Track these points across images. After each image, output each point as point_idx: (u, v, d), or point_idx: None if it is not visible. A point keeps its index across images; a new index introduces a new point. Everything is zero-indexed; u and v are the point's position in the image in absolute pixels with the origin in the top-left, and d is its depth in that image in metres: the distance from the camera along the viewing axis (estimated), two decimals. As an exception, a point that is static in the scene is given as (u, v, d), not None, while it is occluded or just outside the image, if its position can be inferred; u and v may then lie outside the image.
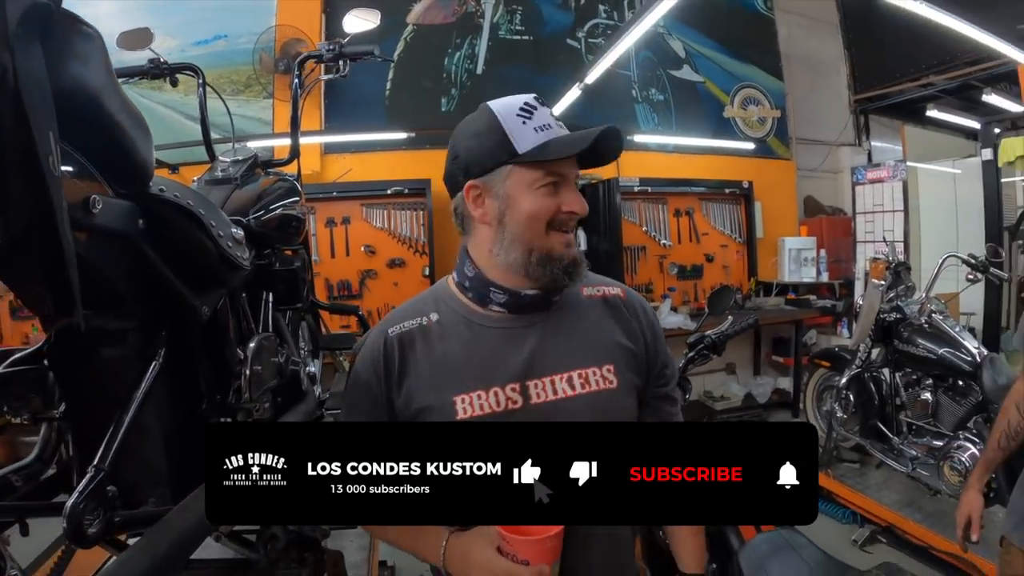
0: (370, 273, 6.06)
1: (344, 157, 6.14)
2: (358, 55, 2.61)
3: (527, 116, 1.26)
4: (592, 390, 1.31)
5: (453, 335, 1.32)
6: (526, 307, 1.32)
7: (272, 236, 2.00)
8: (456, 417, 1.26)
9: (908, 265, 4.97)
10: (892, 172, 7.48)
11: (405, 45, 6.39)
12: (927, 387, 4.30)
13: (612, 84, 6.81)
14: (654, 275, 7.05)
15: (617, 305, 1.43)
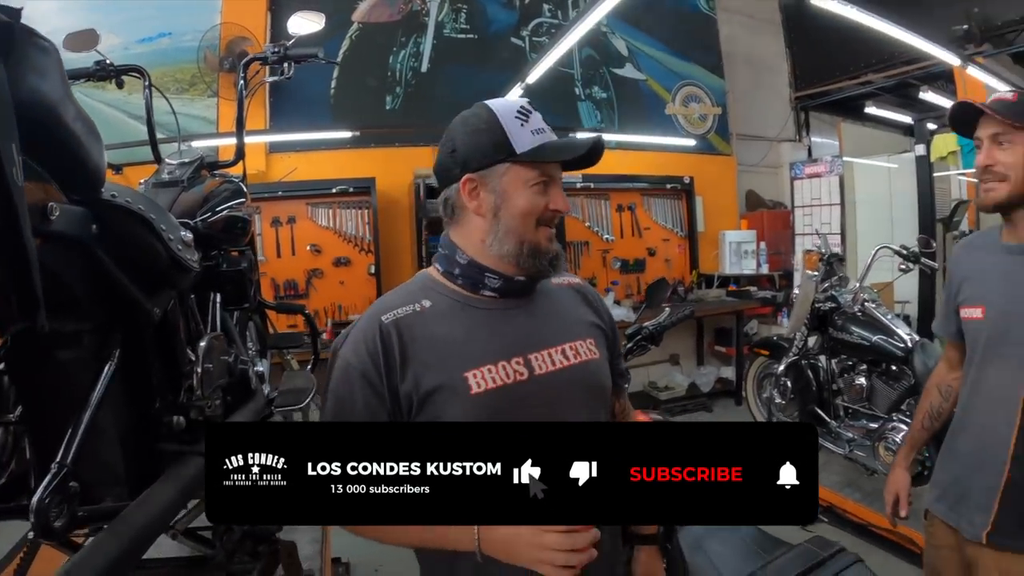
0: (316, 272, 6.03)
1: (289, 156, 6.05)
2: (303, 57, 2.61)
3: (524, 119, 1.34)
4: (583, 360, 1.42)
5: (450, 318, 1.37)
6: (515, 292, 1.40)
7: (219, 238, 2.02)
8: (471, 392, 1.30)
9: (840, 256, 5.16)
10: (829, 167, 7.75)
11: (350, 43, 6.33)
12: (862, 372, 4.47)
13: (555, 82, 6.87)
14: (597, 269, 7.15)
15: (583, 291, 1.57)
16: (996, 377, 1.80)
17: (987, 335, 1.82)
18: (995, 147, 1.72)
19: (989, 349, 1.82)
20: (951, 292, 2.00)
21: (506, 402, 1.32)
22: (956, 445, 1.95)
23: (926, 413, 2.17)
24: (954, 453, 1.95)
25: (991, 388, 1.82)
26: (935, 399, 2.15)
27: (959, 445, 1.93)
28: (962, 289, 1.94)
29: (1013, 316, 1.75)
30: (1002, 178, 1.71)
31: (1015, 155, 1.69)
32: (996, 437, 1.78)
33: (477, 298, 1.40)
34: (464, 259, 1.39)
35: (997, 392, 1.80)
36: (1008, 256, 1.80)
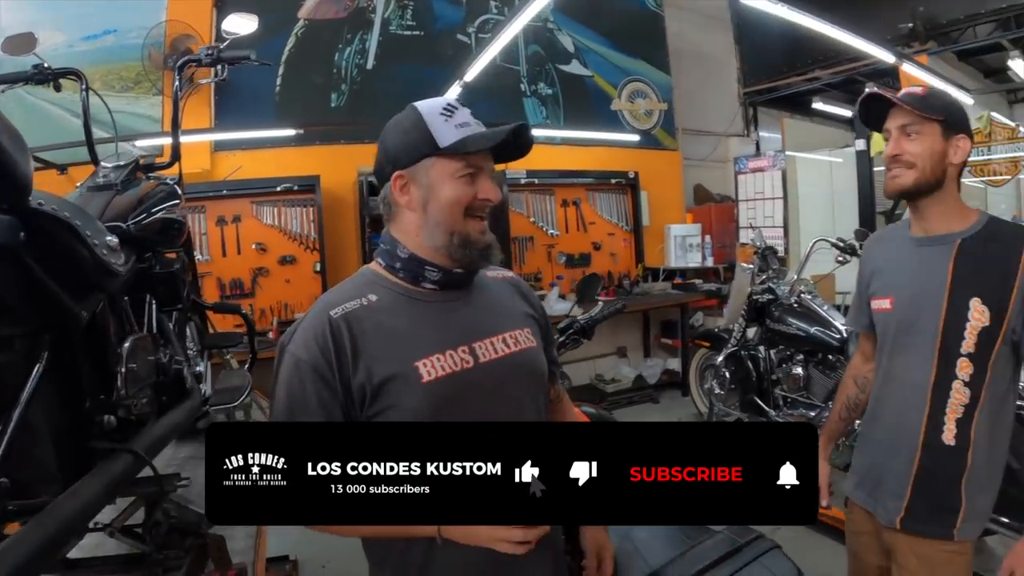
0: (262, 271, 5.97)
1: (235, 154, 6.00)
2: (236, 59, 2.62)
3: (448, 115, 1.38)
4: (522, 348, 1.48)
5: (397, 311, 1.41)
6: (454, 284, 1.45)
7: (153, 240, 2.03)
8: (422, 380, 1.33)
9: (774, 249, 5.23)
10: (772, 161, 7.88)
11: (296, 40, 6.29)
12: (799, 362, 4.58)
13: (501, 79, 6.94)
14: (542, 264, 7.20)
15: (517, 284, 1.64)
16: (906, 366, 1.87)
17: (896, 325, 1.88)
18: (903, 137, 1.78)
19: (899, 338, 1.88)
20: (862, 285, 2.06)
21: (454, 389, 1.37)
22: (871, 433, 2.02)
23: (843, 404, 2.22)
24: (869, 441, 2.02)
25: (901, 377, 1.89)
26: (850, 390, 2.20)
27: (874, 433, 2.00)
28: (872, 281, 2.00)
29: (920, 306, 1.82)
30: (910, 165, 1.77)
31: (922, 144, 1.76)
32: (907, 424, 1.84)
33: (419, 291, 1.44)
34: (405, 253, 1.43)
35: (907, 380, 1.86)
36: (915, 248, 1.87)
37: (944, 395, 1.79)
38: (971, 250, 1.77)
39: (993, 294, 1.73)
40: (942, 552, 1.83)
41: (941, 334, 1.77)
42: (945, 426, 1.78)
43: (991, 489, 1.86)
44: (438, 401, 1.34)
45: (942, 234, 1.82)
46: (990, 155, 6.99)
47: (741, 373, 5.00)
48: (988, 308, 1.72)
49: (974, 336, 1.74)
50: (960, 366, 1.76)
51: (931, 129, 1.77)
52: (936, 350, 1.78)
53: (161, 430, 1.86)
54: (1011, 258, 1.72)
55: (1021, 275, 1.71)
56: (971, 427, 1.77)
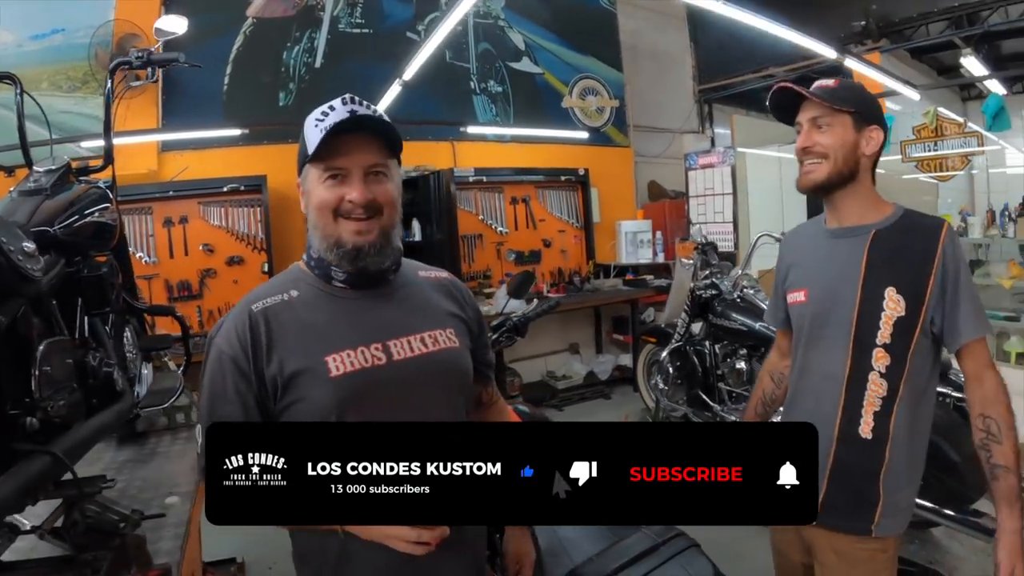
0: (209, 272, 5.91)
1: (182, 155, 5.93)
2: (166, 62, 2.60)
3: (321, 119, 1.38)
4: (442, 347, 1.49)
5: (315, 307, 1.44)
6: (365, 283, 1.47)
7: (82, 244, 2.01)
8: (330, 375, 1.36)
9: (714, 244, 5.30)
10: (722, 157, 7.94)
11: (244, 39, 6.22)
12: (743, 357, 4.66)
13: (450, 76, 6.95)
14: (491, 262, 7.22)
15: (449, 285, 1.64)
16: (821, 358, 1.87)
17: (811, 317, 1.89)
18: (814, 130, 1.79)
19: (813, 331, 1.88)
20: (779, 280, 2.07)
21: (364, 385, 1.38)
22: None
23: (758, 400, 2.25)
24: None
25: (817, 369, 1.89)
26: (767, 386, 2.22)
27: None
28: (789, 275, 2.01)
29: (834, 297, 1.82)
30: (822, 157, 1.78)
31: (834, 136, 1.77)
32: (822, 417, 1.81)
33: (334, 288, 1.47)
34: (315, 254, 1.47)
35: (822, 373, 1.87)
36: (830, 240, 1.88)
37: (860, 387, 1.79)
38: (886, 241, 1.78)
39: (909, 284, 1.73)
40: (861, 549, 1.82)
41: (855, 324, 1.78)
42: (862, 419, 1.79)
43: (912, 484, 1.86)
44: (345, 396, 1.37)
45: (856, 225, 1.83)
46: (937, 150, 7.10)
47: (687, 368, 5.04)
48: (904, 298, 1.73)
49: (889, 326, 1.74)
50: (876, 357, 1.76)
51: (842, 121, 1.78)
52: (851, 341, 1.79)
53: (86, 432, 1.85)
54: (927, 248, 1.73)
55: (938, 265, 1.71)
56: (890, 420, 1.77)
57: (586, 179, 7.75)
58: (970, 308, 1.73)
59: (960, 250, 1.76)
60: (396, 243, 1.49)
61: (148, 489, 2.34)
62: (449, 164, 6.89)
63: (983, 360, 1.77)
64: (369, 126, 1.41)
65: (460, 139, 7.17)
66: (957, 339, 1.74)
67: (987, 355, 1.79)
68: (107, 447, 2.81)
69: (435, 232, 6.67)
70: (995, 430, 1.73)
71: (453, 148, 7.12)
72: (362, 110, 1.41)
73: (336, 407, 1.36)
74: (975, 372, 1.77)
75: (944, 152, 6.97)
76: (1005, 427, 1.72)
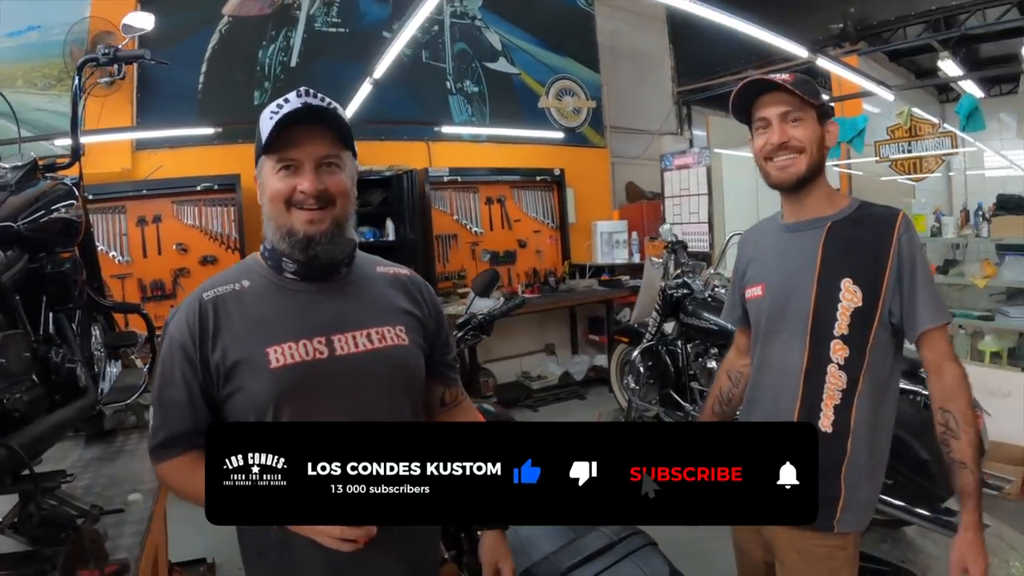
0: (183, 271, 5.86)
1: (156, 153, 5.91)
2: (131, 59, 2.63)
3: (276, 111, 1.40)
4: (388, 344, 1.48)
5: (264, 297, 1.46)
6: (315, 275, 1.48)
7: (46, 240, 2.02)
8: (270, 366, 1.37)
9: (684, 244, 5.32)
10: (697, 158, 8.01)
11: (220, 37, 6.20)
12: (714, 356, 4.68)
13: (425, 76, 6.96)
14: (466, 262, 7.22)
15: (404, 281, 1.63)
16: (779, 351, 1.87)
17: (768, 311, 1.89)
18: (787, 124, 1.77)
19: (771, 324, 1.89)
20: (737, 277, 2.07)
21: (303, 378, 1.39)
22: (749, 420, 2.01)
23: (715, 399, 2.24)
24: None
25: (775, 364, 1.89)
26: (724, 384, 2.22)
27: (751, 420, 1.99)
28: (747, 271, 2.01)
29: (791, 289, 1.83)
30: (800, 150, 1.76)
31: (807, 129, 1.76)
32: (782, 411, 1.84)
33: (284, 279, 1.48)
34: (269, 244, 1.49)
35: (781, 366, 1.86)
36: (786, 234, 1.89)
37: (819, 380, 1.79)
38: (841, 232, 1.78)
39: (865, 275, 1.73)
40: (822, 546, 1.80)
41: (812, 316, 1.78)
42: (821, 412, 1.78)
43: (874, 478, 1.84)
44: (283, 388, 1.38)
45: (813, 218, 1.83)
46: (911, 151, 7.15)
47: (658, 368, 5.06)
48: (860, 288, 1.73)
49: (847, 317, 1.74)
50: (834, 349, 1.76)
51: (810, 115, 1.78)
52: (808, 333, 1.79)
53: (45, 427, 1.84)
54: (882, 238, 1.73)
55: (893, 256, 1.72)
56: (850, 413, 1.76)
57: (562, 179, 7.78)
58: (927, 296, 1.72)
59: (916, 239, 1.76)
60: (349, 234, 1.50)
61: (112, 486, 2.34)
62: (424, 164, 6.91)
63: (943, 350, 1.75)
64: (321, 117, 1.43)
65: (435, 139, 7.19)
66: (915, 328, 1.74)
67: (947, 345, 1.78)
68: (75, 445, 2.81)
69: (409, 232, 6.69)
70: (953, 425, 1.71)
71: (428, 148, 7.14)
72: (315, 102, 1.42)
73: (274, 399, 1.38)
74: (935, 363, 1.76)
75: (918, 153, 7.00)
76: (963, 422, 1.69)
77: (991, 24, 7.64)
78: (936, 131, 6.86)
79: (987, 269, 5.44)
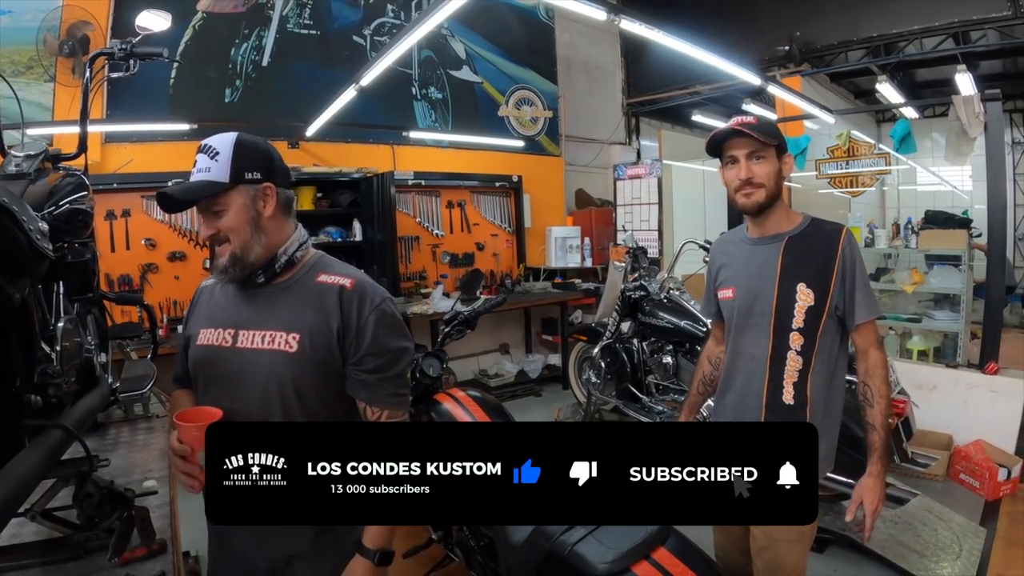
0: (151, 267, 5.90)
1: (126, 147, 5.84)
2: (148, 55, 2.56)
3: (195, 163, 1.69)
4: (273, 348, 1.66)
5: (218, 292, 1.83)
6: (241, 283, 1.73)
7: (64, 230, 1.99)
8: (196, 343, 1.76)
9: (645, 249, 5.67)
10: (649, 169, 8.37)
11: (193, 33, 6.17)
12: (669, 352, 5.01)
13: (392, 82, 6.98)
14: (427, 263, 7.44)
15: (336, 293, 1.70)
16: (748, 342, 2.24)
17: (738, 310, 2.26)
18: (751, 162, 2.12)
19: (741, 321, 2.26)
20: (710, 280, 2.44)
21: (210, 358, 1.72)
22: (724, 400, 2.37)
23: (699, 381, 2.62)
24: (723, 407, 2.37)
25: (745, 352, 2.26)
26: (706, 369, 2.60)
27: (726, 400, 2.36)
28: (719, 275, 2.38)
29: (756, 293, 2.20)
30: (759, 185, 2.12)
31: (767, 166, 2.12)
32: (752, 390, 2.22)
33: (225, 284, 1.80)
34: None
35: (750, 354, 2.24)
36: (752, 246, 2.25)
37: (781, 363, 2.16)
38: (796, 245, 2.16)
39: (816, 279, 2.12)
40: None
41: (775, 314, 2.15)
42: (784, 389, 2.15)
43: (829, 438, 2.22)
44: (197, 363, 1.75)
45: (774, 234, 2.20)
46: (848, 168, 7.56)
47: (616, 364, 5.38)
48: (813, 291, 2.11)
49: (802, 314, 2.12)
50: (792, 339, 2.14)
51: (770, 153, 2.14)
52: (772, 327, 2.16)
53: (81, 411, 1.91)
54: (829, 249, 2.12)
55: (838, 262, 2.11)
56: (806, 388, 2.14)
57: (519, 186, 8.04)
58: (863, 296, 2.13)
59: (856, 249, 2.16)
60: (253, 257, 1.69)
61: (120, 476, 2.32)
62: (389, 167, 7.05)
63: (871, 339, 2.18)
64: (197, 179, 1.67)
65: (400, 143, 7.30)
66: (853, 320, 2.14)
67: (875, 335, 2.20)
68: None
69: (376, 233, 6.80)
70: (870, 396, 2.15)
71: (393, 152, 7.25)
72: (199, 169, 1.67)
73: (195, 369, 1.77)
74: (864, 348, 2.19)
75: (855, 170, 7.40)
76: (878, 395, 2.13)
77: (928, 52, 8.17)
78: (872, 151, 7.26)
79: (915, 277, 5.83)
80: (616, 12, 3.69)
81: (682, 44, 4.41)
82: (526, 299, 7.46)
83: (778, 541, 2.19)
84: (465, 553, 2.81)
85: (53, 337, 1.72)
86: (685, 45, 4.43)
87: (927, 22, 7.55)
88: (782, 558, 2.20)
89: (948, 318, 5.72)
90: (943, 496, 4.40)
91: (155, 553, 1.89)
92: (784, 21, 8.43)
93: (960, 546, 3.73)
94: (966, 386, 5.05)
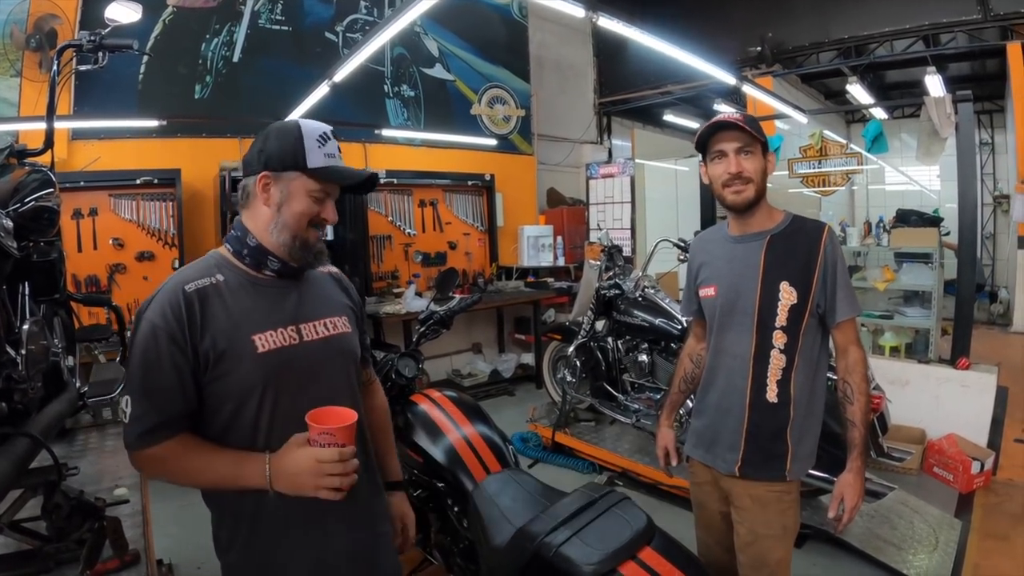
0: (119, 267, 5.76)
1: (93, 144, 5.72)
2: (118, 47, 2.50)
3: (322, 143, 1.61)
4: (339, 332, 1.74)
5: (240, 291, 1.60)
6: (289, 274, 1.68)
7: (29, 228, 1.93)
8: (257, 351, 1.54)
9: (620, 248, 5.65)
10: (622, 168, 8.39)
11: (163, 27, 6.07)
12: (644, 350, 5.00)
13: (365, 79, 6.99)
14: (399, 262, 7.42)
15: (340, 279, 1.92)
16: (731, 340, 2.24)
17: (720, 308, 2.25)
18: (740, 157, 2.13)
19: (723, 318, 2.25)
20: (691, 278, 2.43)
21: (282, 361, 1.57)
22: (706, 398, 2.36)
23: (681, 378, 2.62)
24: (705, 405, 2.36)
25: (728, 350, 2.25)
26: (687, 366, 2.60)
27: (708, 398, 2.35)
28: (700, 273, 2.37)
29: (739, 291, 2.20)
30: (748, 181, 2.13)
31: (756, 162, 2.13)
32: (735, 389, 2.21)
33: (260, 276, 1.65)
34: (253, 242, 1.63)
35: (733, 352, 2.23)
36: (733, 244, 2.25)
37: (765, 361, 2.16)
38: (778, 243, 2.16)
39: (798, 277, 2.12)
40: (772, 492, 2.18)
41: (758, 312, 2.15)
42: (768, 387, 2.15)
43: (812, 433, 2.23)
44: (268, 370, 1.55)
45: (756, 232, 2.21)
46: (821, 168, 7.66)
47: (591, 362, 5.36)
48: (795, 289, 2.11)
49: (785, 312, 2.12)
50: (775, 337, 2.14)
51: (758, 149, 2.14)
52: (754, 325, 2.16)
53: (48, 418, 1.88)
54: (812, 248, 2.12)
55: (820, 261, 2.11)
56: (790, 386, 2.14)
57: (492, 184, 8.04)
58: (844, 294, 2.14)
59: (838, 247, 2.17)
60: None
61: (90, 484, 2.30)
62: (361, 165, 6.93)
63: (851, 336, 2.19)
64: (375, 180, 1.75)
65: (372, 141, 7.27)
66: (834, 318, 2.15)
67: (855, 333, 2.21)
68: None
69: (347, 232, 6.72)
70: (850, 393, 2.15)
71: (365, 150, 7.21)
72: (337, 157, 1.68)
73: (262, 379, 1.54)
74: (843, 345, 2.19)
75: (827, 170, 7.49)
76: (858, 392, 2.14)
77: (897, 54, 8.30)
78: (844, 151, 7.36)
79: (887, 274, 5.93)
80: (594, 9, 3.68)
81: (658, 42, 4.43)
82: (499, 298, 7.45)
83: (762, 537, 2.21)
84: (444, 556, 2.79)
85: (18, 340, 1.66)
86: (661, 43, 4.45)
87: (897, 24, 7.70)
88: (766, 554, 2.21)
89: (919, 314, 5.85)
90: (917, 489, 4.48)
91: (128, 564, 1.85)
92: (756, 22, 8.54)
93: (936, 538, 3.79)
94: (938, 381, 5.13)
